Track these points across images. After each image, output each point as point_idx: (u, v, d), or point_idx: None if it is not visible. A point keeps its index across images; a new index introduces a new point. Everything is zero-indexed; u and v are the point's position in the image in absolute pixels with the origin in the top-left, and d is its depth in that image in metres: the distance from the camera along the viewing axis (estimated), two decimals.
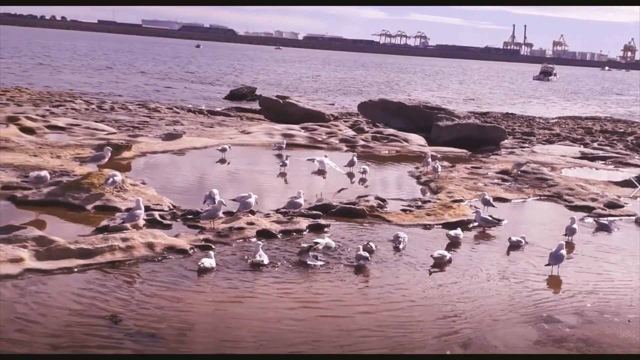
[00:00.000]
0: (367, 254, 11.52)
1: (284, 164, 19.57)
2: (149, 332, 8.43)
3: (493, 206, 15.83)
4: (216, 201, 13.63)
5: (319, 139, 25.91)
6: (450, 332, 9.11)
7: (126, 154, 19.61)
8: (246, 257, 11.46)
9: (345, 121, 33.41)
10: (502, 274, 11.68)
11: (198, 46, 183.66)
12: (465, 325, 9.38)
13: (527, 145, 29.17)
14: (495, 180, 19.56)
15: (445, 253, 12.00)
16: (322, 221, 13.90)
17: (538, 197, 18.05)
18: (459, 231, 13.39)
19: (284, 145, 22.99)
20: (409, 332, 9.05)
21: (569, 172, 22.50)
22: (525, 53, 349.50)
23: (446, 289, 10.76)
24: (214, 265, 10.78)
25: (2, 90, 36.16)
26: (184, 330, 8.60)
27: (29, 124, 23.35)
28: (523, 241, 13.35)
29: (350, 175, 19.71)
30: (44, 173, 14.51)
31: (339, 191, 17.34)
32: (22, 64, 65.57)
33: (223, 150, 20.88)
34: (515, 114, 47.13)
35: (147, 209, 13.10)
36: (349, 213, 14.79)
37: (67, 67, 67.70)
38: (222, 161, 20.56)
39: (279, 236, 12.94)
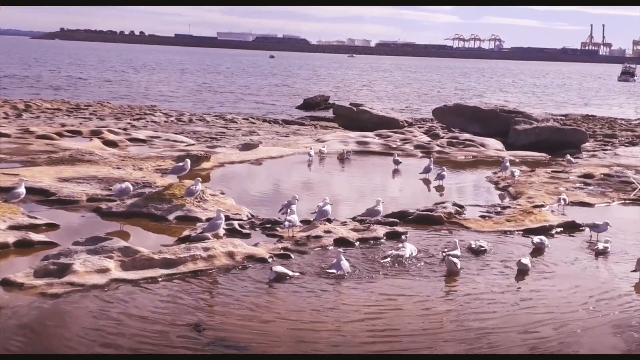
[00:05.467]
0: (456, 260, 11.39)
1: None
2: (231, 340, 8.53)
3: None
4: (291, 209, 13.63)
5: (394, 146, 25.79)
6: (534, 341, 8.90)
7: (205, 164, 19.96)
8: (325, 264, 11.49)
9: (419, 127, 33.18)
10: (588, 280, 11.35)
11: (272, 57, 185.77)
12: (550, 333, 9.16)
13: (609, 147, 28.27)
14: (578, 184, 19.06)
15: (529, 260, 11.73)
16: (399, 228, 13.82)
17: (622, 202, 17.49)
18: (543, 237, 13.08)
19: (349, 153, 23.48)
20: (492, 339, 8.89)
21: None
22: (604, 53, 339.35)
23: (531, 296, 10.53)
24: (288, 272, 10.84)
25: (85, 105, 37.44)
26: (265, 338, 8.66)
27: (111, 137, 24.16)
28: (609, 247, 12.94)
29: (427, 181, 19.53)
30: (125, 185, 14.83)
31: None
32: (95, 79, 67.73)
33: (310, 156, 22.10)
34: (595, 116, 45.75)
35: (226, 218, 13.28)
36: (426, 220, 14.65)
37: (145, 81, 69.58)
38: (308, 166, 21.30)
39: (356, 244, 12.92)
